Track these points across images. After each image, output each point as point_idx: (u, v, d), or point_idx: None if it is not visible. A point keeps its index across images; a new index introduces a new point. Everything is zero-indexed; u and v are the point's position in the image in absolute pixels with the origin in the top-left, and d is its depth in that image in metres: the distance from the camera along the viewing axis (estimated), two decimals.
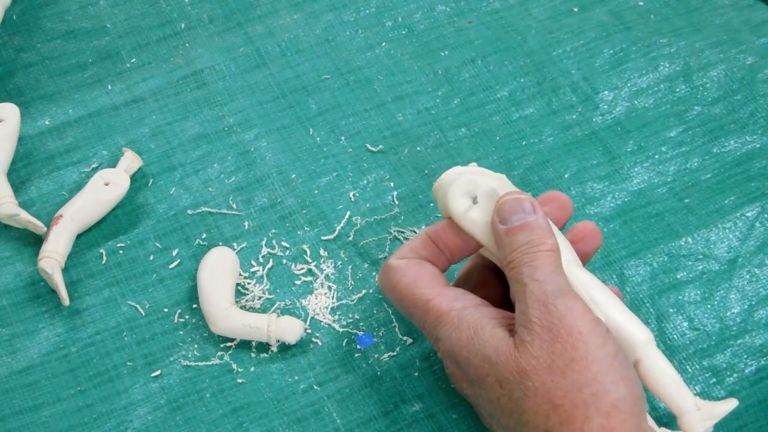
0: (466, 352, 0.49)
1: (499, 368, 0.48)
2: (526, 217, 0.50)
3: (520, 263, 0.49)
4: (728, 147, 0.67)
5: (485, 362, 0.48)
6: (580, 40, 0.71)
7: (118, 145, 0.66)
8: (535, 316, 0.47)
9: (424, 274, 0.52)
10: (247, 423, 0.56)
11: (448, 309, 0.50)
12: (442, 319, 0.50)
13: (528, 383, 0.46)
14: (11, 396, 0.57)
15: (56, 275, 0.59)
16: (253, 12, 0.72)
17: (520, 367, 0.47)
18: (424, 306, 0.51)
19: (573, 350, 0.46)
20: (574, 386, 0.46)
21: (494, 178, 0.53)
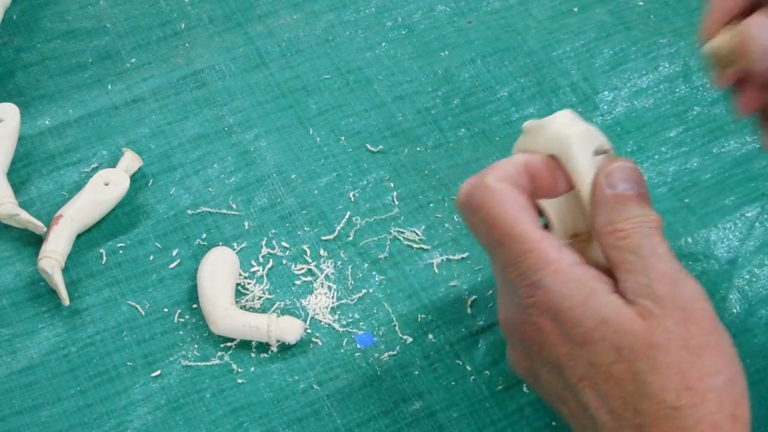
0: (579, 311, 0.46)
1: (621, 335, 0.45)
2: (639, 188, 0.48)
3: (635, 234, 0.47)
4: (728, 147, 0.67)
5: (603, 325, 0.45)
6: (580, 40, 0.71)
7: (118, 145, 0.66)
8: (665, 291, 0.45)
9: (525, 207, 0.48)
10: (247, 423, 0.56)
11: (558, 258, 0.47)
12: (550, 267, 0.46)
13: (659, 357, 0.44)
14: (11, 396, 0.57)
15: (56, 275, 0.59)
16: (253, 12, 0.72)
17: (652, 340, 0.44)
18: (527, 245, 0.47)
19: (708, 335, 0.45)
20: (710, 370, 0.44)
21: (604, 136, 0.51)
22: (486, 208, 0.48)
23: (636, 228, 0.47)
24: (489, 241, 0.48)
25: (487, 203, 0.48)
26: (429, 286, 0.61)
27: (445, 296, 0.60)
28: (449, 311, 0.60)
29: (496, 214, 0.47)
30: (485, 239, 0.49)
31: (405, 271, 0.61)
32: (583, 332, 0.46)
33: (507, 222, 0.47)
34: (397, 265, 0.61)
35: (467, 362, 0.58)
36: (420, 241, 0.62)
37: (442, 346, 0.59)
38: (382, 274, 0.61)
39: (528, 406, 0.57)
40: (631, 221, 0.47)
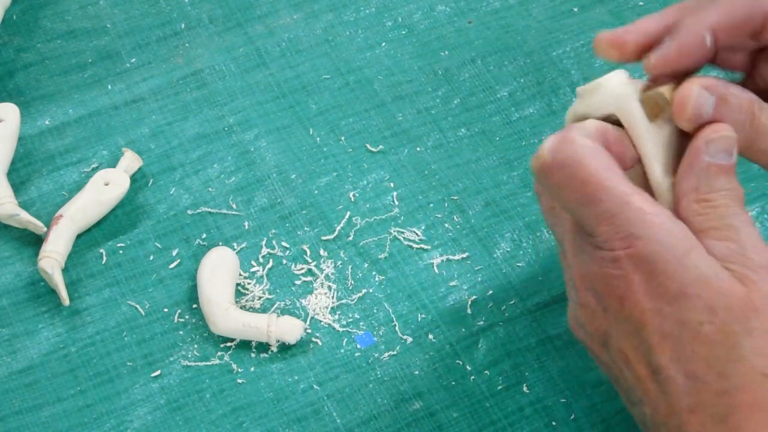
0: (678, 264, 0.45)
1: (719, 295, 0.44)
2: (731, 159, 0.47)
3: (725, 206, 0.46)
4: None
5: (700, 282, 0.45)
6: (580, 40, 0.71)
7: (118, 145, 0.66)
8: (762, 259, 0.45)
9: (614, 164, 0.47)
10: (247, 423, 0.56)
11: (656, 212, 0.46)
12: (650, 219, 0.46)
13: (755, 323, 0.44)
14: (11, 396, 0.57)
15: (56, 275, 0.59)
16: (253, 12, 0.72)
17: (752, 304, 0.44)
18: (625, 198, 0.46)
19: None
20: None
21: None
22: (577, 163, 0.47)
23: (726, 201, 0.46)
24: (578, 198, 0.47)
25: (578, 158, 0.47)
26: (429, 286, 0.61)
27: (445, 296, 0.60)
28: (449, 311, 0.60)
29: (588, 169, 0.46)
30: (573, 195, 0.47)
31: (405, 271, 0.61)
32: (678, 287, 0.45)
33: (600, 176, 0.46)
34: (397, 265, 0.62)
35: (467, 362, 0.58)
36: (420, 241, 0.62)
37: (442, 346, 0.59)
38: (382, 274, 0.61)
39: (528, 406, 0.57)
40: (721, 193, 0.47)
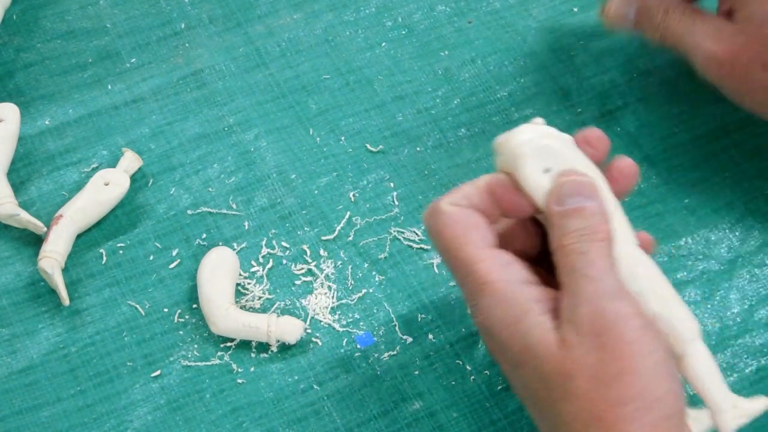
0: (508, 333, 0.47)
1: (540, 362, 0.45)
2: (584, 201, 0.48)
3: (572, 251, 0.47)
4: (728, 147, 0.66)
5: (526, 351, 0.46)
6: (581, 40, 0.71)
7: (118, 145, 0.66)
8: (585, 316, 0.45)
9: (474, 227, 0.49)
10: (247, 423, 0.56)
11: (494, 279, 0.47)
12: (485, 289, 0.47)
13: (570, 387, 0.44)
14: (11, 396, 0.57)
15: (56, 275, 0.59)
16: (253, 12, 0.72)
17: (564, 369, 0.45)
18: (469, 267, 0.48)
19: (621, 361, 0.44)
20: (619, 400, 0.44)
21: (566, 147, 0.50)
22: (437, 231, 0.49)
23: (573, 243, 0.47)
24: (445, 263, 0.50)
25: (437, 227, 0.49)
26: (429, 286, 0.61)
27: (445, 296, 0.60)
28: (449, 311, 0.60)
29: (445, 238, 0.49)
30: (443, 260, 0.50)
31: (405, 271, 0.61)
32: (512, 356, 0.47)
33: (453, 245, 0.49)
34: (397, 265, 0.62)
35: (467, 362, 0.58)
36: (420, 241, 0.62)
37: (442, 346, 0.59)
38: (382, 274, 0.61)
39: None
40: (569, 236, 0.47)
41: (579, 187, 0.48)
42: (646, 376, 0.44)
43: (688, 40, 0.59)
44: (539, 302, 0.47)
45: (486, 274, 0.47)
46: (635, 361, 0.44)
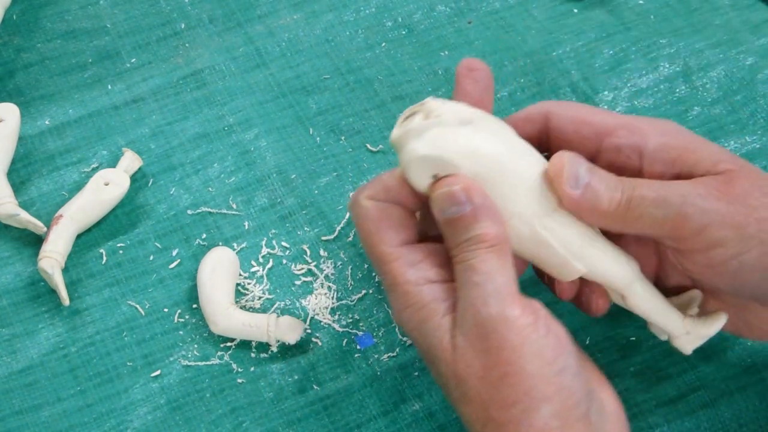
0: (416, 333, 0.48)
1: (440, 364, 0.47)
2: (462, 209, 0.47)
3: (460, 260, 0.47)
4: (728, 147, 0.67)
5: (429, 352, 0.47)
6: (580, 40, 0.71)
7: (118, 145, 0.66)
8: (470, 321, 0.46)
9: (388, 224, 0.49)
10: (246, 423, 0.56)
11: (404, 281, 0.48)
12: (396, 290, 0.48)
13: (464, 389, 0.46)
14: (11, 396, 0.57)
15: (56, 275, 0.59)
16: (253, 12, 0.72)
17: (457, 372, 0.46)
18: (384, 266, 0.49)
19: (505, 365, 0.45)
20: (506, 401, 0.45)
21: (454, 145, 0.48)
22: (357, 224, 0.50)
23: (460, 254, 0.47)
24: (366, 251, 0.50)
25: (357, 220, 0.50)
26: None
27: None
28: None
29: (363, 233, 0.49)
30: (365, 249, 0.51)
31: None
32: (423, 356, 0.48)
33: (370, 240, 0.49)
34: None
35: None
36: None
37: None
38: None
39: None
40: (458, 248, 0.47)
41: (452, 197, 0.48)
42: (531, 378, 0.45)
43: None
44: (445, 302, 0.48)
45: (396, 275, 0.48)
46: (519, 363, 0.45)
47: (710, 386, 0.58)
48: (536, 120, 0.52)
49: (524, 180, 0.49)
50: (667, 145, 0.50)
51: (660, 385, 0.58)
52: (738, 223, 0.48)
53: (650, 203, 0.48)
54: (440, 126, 0.48)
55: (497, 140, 0.49)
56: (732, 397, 0.57)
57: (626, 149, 0.51)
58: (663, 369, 0.58)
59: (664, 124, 0.51)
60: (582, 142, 0.52)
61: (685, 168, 0.50)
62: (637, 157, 0.50)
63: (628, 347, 0.59)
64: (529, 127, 0.53)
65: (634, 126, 0.51)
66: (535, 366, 0.45)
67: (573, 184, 0.48)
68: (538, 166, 0.49)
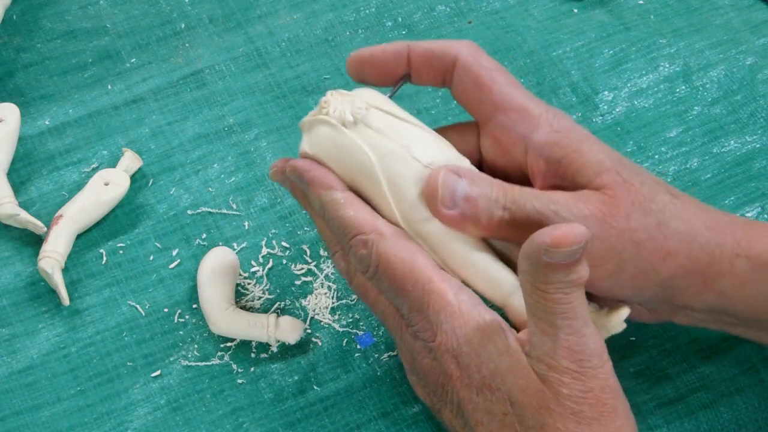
0: (476, 355, 0.46)
1: (516, 390, 0.45)
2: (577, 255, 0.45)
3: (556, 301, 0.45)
4: (728, 147, 0.67)
5: (498, 375, 0.46)
6: (580, 40, 0.71)
7: (118, 145, 0.66)
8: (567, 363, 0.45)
9: (419, 248, 0.49)
10: (247, 423, 0.56)
11: (456, 300, 0.47)
12: (448, 310, 0.47)
13: (549, 421, 0.45)
14: (11, 396, 0.57)
15: (56, 275, 0.59)
16: (253, 12, 0.72)
17: (545, 404, 0.45)
18: (428, 287, 0.47)
19: (602, 406, 0.45)
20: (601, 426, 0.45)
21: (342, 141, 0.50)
22: (384, 257, 0.48)
23: (559, 296, 0.45)
24: (393, 291, 0.49)
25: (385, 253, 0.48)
26: None
27: None
28: None
29: (394, 262, 0.48)
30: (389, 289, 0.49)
31: None
32: (480, 378, 0.46)
33: (406, 267, 0.48)
34: None
35: None
36: None
37: None
38: None
39: None
40: (554, 286, 0.45)
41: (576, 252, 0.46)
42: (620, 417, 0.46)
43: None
44: (501, 327, 0.47)
45: (445, 292, 0.47)
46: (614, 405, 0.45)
47: (710, 387, 0.58)
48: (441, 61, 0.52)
49: (399, 187, 0.49)
50: (554, 143, 0.49)
51: (660, 385, 0.58)
52: (616, 248, 0.48)
53: (533, 222, 0.47)
54: (324, 124, 0.50)
55: (380, 143, 0.50)
56: (731, 398, 0.57)
57: (513, 134, 0.50)
58: (663, 369, 0.58)
59: (560, 118, 0.50)
60: (478, 106, 0.51)
61: (569, 171, 0.49)
62: (522, 146, 0.50)
63: (628, 347, 0.59)
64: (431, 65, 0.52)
65: (528, 113, 0.50)
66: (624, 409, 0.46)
67: (449, 204, 0.48)
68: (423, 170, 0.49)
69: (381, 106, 0.51)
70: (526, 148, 0.50)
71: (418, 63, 0.52)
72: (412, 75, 0.53)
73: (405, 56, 0.52)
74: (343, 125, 0.50)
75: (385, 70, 0.52)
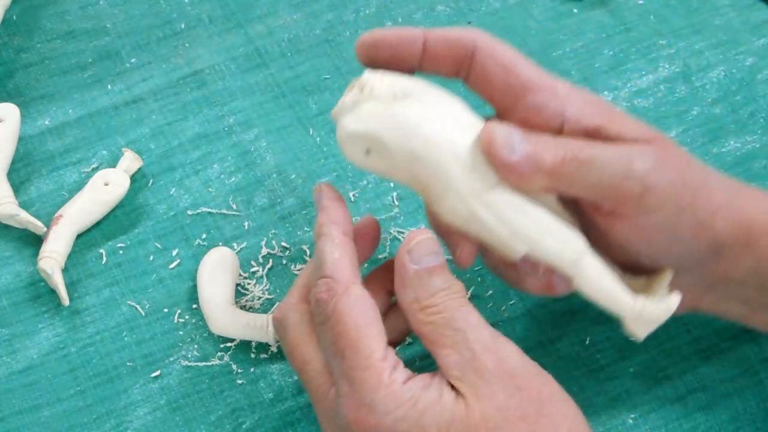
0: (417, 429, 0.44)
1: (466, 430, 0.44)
2: (439, 258, 0.47)
3: (446, 307, 0.46)
4: (728, 147, 0.67)
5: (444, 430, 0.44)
6: (580, 40, 0.71)
7: (118, 145, 0.66)
8: (491, 363, 0.45)
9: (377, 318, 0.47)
10: (247, 424, 0.56)
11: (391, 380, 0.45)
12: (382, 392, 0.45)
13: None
14: (11, 396, 0.57)
15: (56, 275, 0.59)
16: (253, 12, 0.72)
17: (491, 423, 0.44)
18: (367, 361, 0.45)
19: (539, 394, 0.45)
20: (550, 428, 0.44)
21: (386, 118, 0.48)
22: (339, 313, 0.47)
23: (445, 301, 0.46)
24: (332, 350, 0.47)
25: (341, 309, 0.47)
26: None
27: None
28: None
29: (347, 323, 0.46)
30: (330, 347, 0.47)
31: None
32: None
33: (354, 333, 0.46)
34: None
35: None
36: None
37: None
38: None
39: None
40: (439, 295, 0.46)
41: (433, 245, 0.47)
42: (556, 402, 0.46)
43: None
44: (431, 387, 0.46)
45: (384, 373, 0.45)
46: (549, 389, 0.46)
47: (709, 388, 0.58)
48: (459, 48, 0.50)
49: (460, 156, 0.47)
50: (591, 114, 0.49)
51: (660, 386, 0.58)
52: (675, 192, 0.48)
53: (598, 159, 0.47)
54: (372, 100, 0.48)
55: (433, 115, 0.48)
56: (730, 399, 0.57)
57: (547, 111, 0.49)
58: (663, 370, 0.58)
59: (586, 94, 0.50)
60: (505, 90, 0.50)
61: (609, 137, 0.49)
62: (558, 122, 0.49)
63: (628, 347, 0.59)
64: (448, 51, 0.50)
65: (558, 89, 0.49)
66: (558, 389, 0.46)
67: (509, 150, 0.47)
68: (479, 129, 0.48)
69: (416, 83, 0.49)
70: (562, 124, 0.49)
71: (435, 49, 0.50)
72: (425, 62, 0.51)
73: (420, 42, 0.50)
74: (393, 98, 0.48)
75: (398, 54, 0.50)
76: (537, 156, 0.47)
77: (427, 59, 0.50)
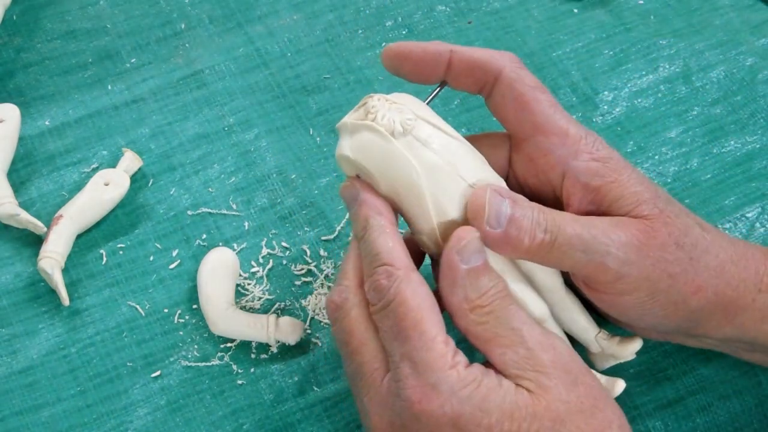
0: (480, 411, 0.45)
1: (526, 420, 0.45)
2: (483, 256, 0.47)
3: (496, 306, 0.47)
4: (728, 147, 0.67)
5: (505, 418, 0.45)
6: (580, 41, 0.71)
7: (118, 145, 0.66)
8: (548, 359, 0.46)
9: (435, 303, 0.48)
10: (247, 424, 0.56)
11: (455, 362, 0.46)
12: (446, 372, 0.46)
13: (562, 429, 0.45)
14: (11, 396, 0.57)
15: (56, 275, 0.59)
16: (253, 12, 0.72)
17: (554, 414, 0.45)
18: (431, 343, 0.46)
19: (593, 389, 0.46)
20: (604, 424, 0.45)
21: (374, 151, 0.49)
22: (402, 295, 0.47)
23: (495, 300, 0.47)
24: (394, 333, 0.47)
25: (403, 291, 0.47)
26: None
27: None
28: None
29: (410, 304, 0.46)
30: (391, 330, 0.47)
31: None
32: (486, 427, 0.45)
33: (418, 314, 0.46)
34: None
35: None
36: None
37: None
38: None
39: None
40: (488, 294, 0.47)
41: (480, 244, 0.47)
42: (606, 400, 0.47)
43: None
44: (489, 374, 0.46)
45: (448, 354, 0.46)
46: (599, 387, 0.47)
47: (708, 389, 0.58)
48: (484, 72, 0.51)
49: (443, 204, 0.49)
50: (594, 171, 0.50)
51: (660, 386, 0.58)
52: (651, 278, 0.48)
53: (574, 246, 0.48)
54: (372, 132, 0.49)
55: (428, 157, 0.49)
56: (729, 400, 0.57)
57: (552, 158, 0.50)
58: (663, 371, 0.58)
59: (599, 145, 0.50)
60: (517, 124, 0.51)
61: (606, 199, 0.49)
62: (561, 170, 0.50)
63: None
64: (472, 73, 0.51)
65: (569, 138, 0.50)
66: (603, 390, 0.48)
67: (494, 223, 0.47)
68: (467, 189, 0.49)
69: (427, 118, 0.50)
70: (564, 173, 0.50)
71: (459, 69, 0.51)
72: (450, 79, 0.52)
73: (446, 60, 0.51)
74: (391, 135, 0.49)
75: (422, 69, 0.52)
76: (515, 238, 0.48)
77: (450, 76, 0.52)
